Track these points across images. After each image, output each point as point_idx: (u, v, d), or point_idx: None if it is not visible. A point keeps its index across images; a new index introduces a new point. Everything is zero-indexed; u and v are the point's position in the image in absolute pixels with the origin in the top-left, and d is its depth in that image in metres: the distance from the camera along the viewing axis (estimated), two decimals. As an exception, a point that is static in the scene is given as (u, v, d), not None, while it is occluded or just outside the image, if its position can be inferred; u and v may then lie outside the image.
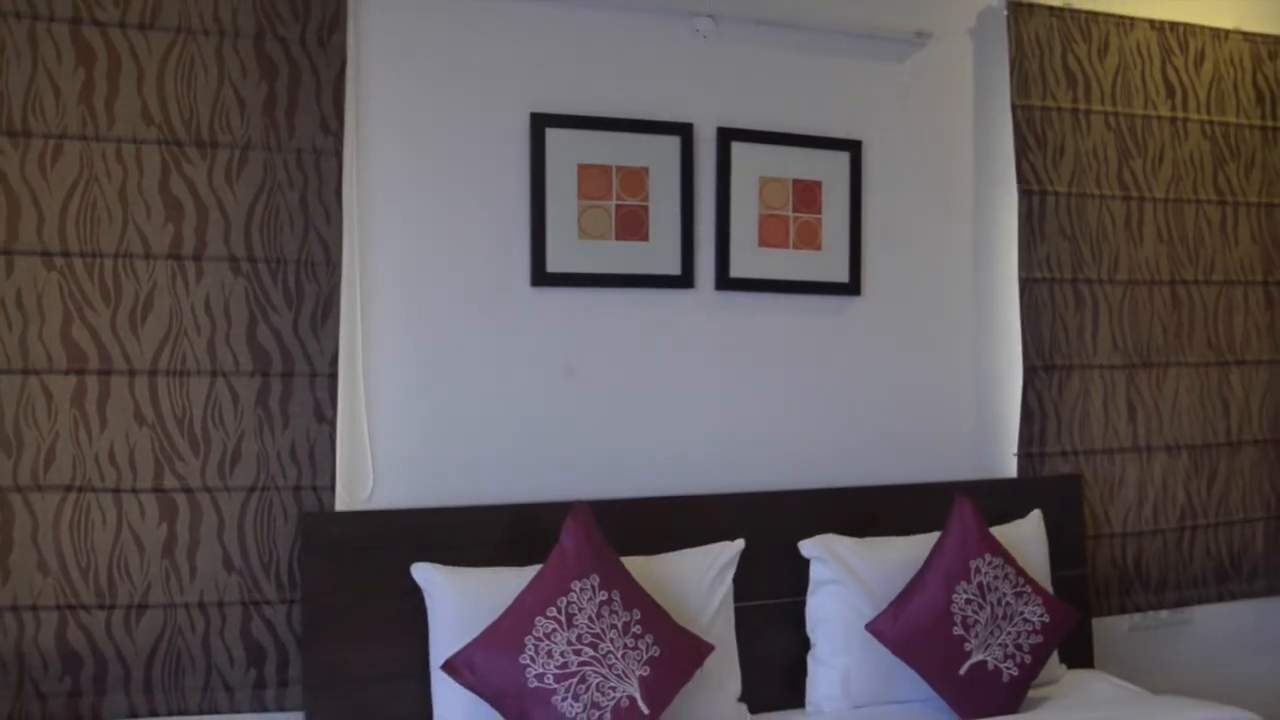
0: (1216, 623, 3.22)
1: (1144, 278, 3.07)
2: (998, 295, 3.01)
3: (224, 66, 2.29)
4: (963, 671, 2.34)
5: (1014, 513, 2.74)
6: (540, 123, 2.54)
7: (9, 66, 2.14)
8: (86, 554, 2.18)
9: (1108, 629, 3.03)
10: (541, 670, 2.04)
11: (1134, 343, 3.06)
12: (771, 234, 2.75)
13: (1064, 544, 2.82)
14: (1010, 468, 2.97)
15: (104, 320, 2.21)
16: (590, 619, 2.10)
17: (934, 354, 2.96)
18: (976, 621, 2.37)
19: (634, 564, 2.28)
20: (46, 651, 2.15)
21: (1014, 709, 2.37)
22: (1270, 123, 3.24)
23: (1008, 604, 2.41)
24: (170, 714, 2.23)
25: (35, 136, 2.16)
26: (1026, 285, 2.93)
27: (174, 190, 2.25)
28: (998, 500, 2.75)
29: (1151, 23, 3.09)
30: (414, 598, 2.23)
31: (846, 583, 2.47)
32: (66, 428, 2.18)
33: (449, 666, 2.08)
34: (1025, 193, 2.92)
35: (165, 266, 2.25)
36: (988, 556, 2.44)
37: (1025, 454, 2.93)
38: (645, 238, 2.63)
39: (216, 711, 2.26)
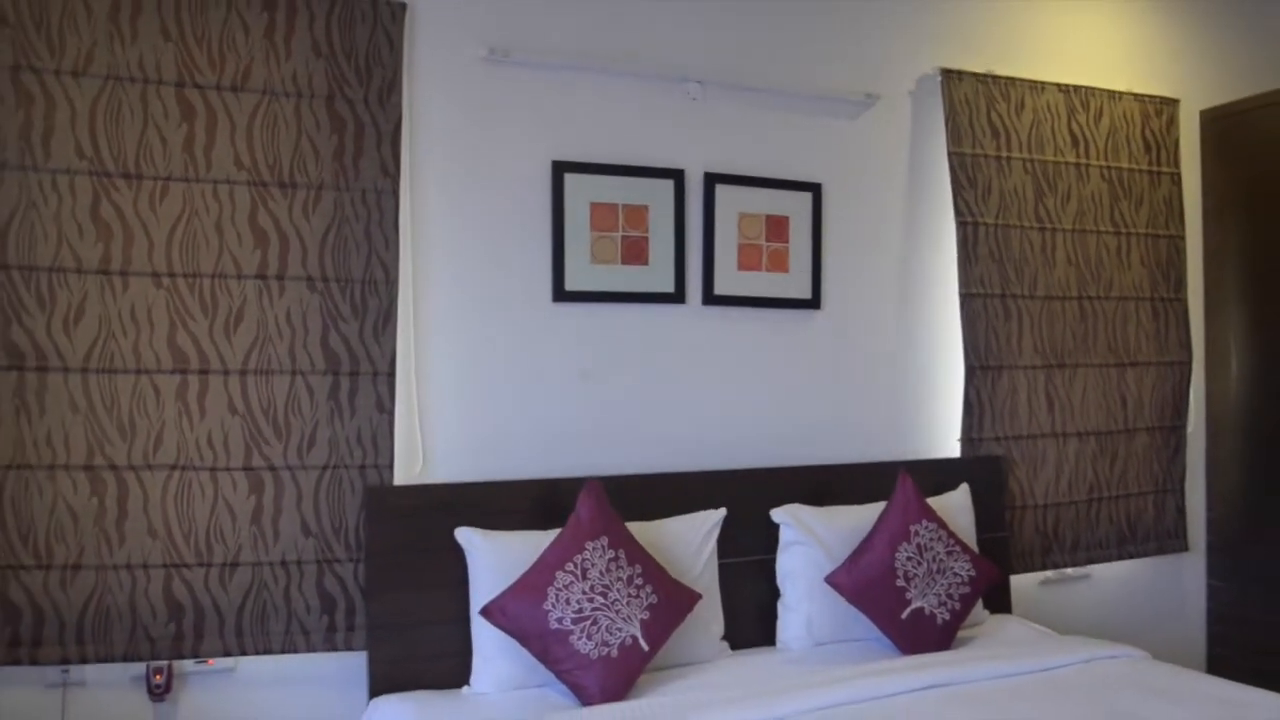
0: (1110, 577, 3.26)
1: (1057, 294, 3.11)
2: (938, 308, 3.04)
3: (301, 122, 2.30)
4: (904, 616, 2.38)
5: (948, 487, 2.77)
6: (560, 168, 2.56)
7: (125, 121, 2.16)
8: (188, 522, 2.20)
9: (1024, 582, 3.07)
10: (561, 614, 2.07)
11: (1050, 347, 3.09)
12: (748, 259, 2.78)
13: (989, 512, 2.85)
14: (954, 451, 2.99)
15: (203, 329, 2.22)
16: (601, 573, 2.13)
17: (879, 357, 2.98)
18: (915, 575, 2.41)
19: (636, 528, 2.30)
20: (155, 602, 2.17)
21: (947, 646, 2.41)
22: (1156, 168, 3.28)
23: (941, 561, 2.45)
24: (257, 653, 2.24)
25: (146, 179, 2.18)
26: (965, 299, 2.96)
27: (260, 222, 2.27)
28: (935, 476, 2.78)
29: (1059, 86, 3.13)
30: (457, 556, 2.26)
31: (809, 543, 2.50)
32: (172, 418, 2.19)
33: (486, 612, 2.11)
34: (961, 223, 2.96)
35: (253, 285, 2.26)
36: (925, 522, 2.48)
37: (966, 439, 2.96)
38: (645, 262, 2.66)
39: (295, 651, 2.27)
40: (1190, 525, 3.39)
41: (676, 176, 2.68)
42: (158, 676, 2.19)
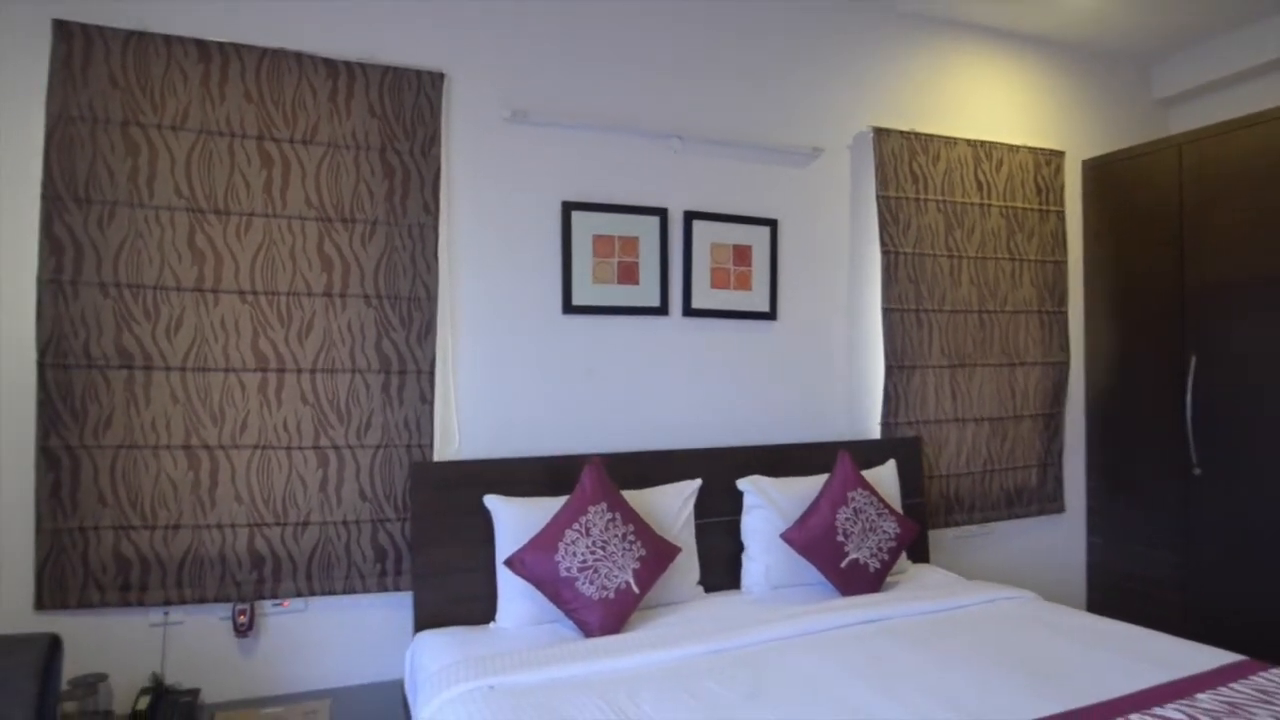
0: (1008, 533, 3.26)
1: (961, 308, 3.10)
2: (869, 319, 3.02)
3: (360, 169, 2.29)
4: (843, 565, 2.37)
5: (877, 461, 2.77)
6: (568, 207, 2.55)
7: (215, 167, 2.15)
8: (267, 490, 2.19)
9: (939, 537, 3.07)
10: (569, 564, 2.07)
11: (955, 350, 3.08)
12: (719, 280, 2.77)
13: (910, 482, 2.85)
14: (876, 432, 2.99)
15: (280, 336, 2.21)
16: (601, 531, 2.13)
17: (824, 358, 2.97)
18: (852, 532, 2.40)
19: (629, 495, 2.30)
20: (240, 554, 2.17)
21: (877, 589, 2.40)
22: (1045, 207, 3.28)
23: (872, 521, 2.44)
24: (323, 594, 2.24)
25: (233, 214, 2.17)
26: (886, 313, 2.95)
27: (326, 251, 2.26)
28: (868, 453, 2.78)
29: (968, 141, 3.12)
30: (485, 517, 2.25)
31: (768, 507, 2.49)
32: (255, 407, 2.19)
33: (508, 563, 2.10)
34: (885, 252, 2.95)
35: (321, 301, 2.25)
36: (860, 490, 2.48)
37: (885, 423, 2.96)
38: (636, 282, 2.64)
39: (354, 592, 2.27)
40: (1070, 492, 3.39)
41: (661, 214, 2.67)
42: (242, 616, 2.17)
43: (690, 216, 2.71)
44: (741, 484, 2.55)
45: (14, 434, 2.02)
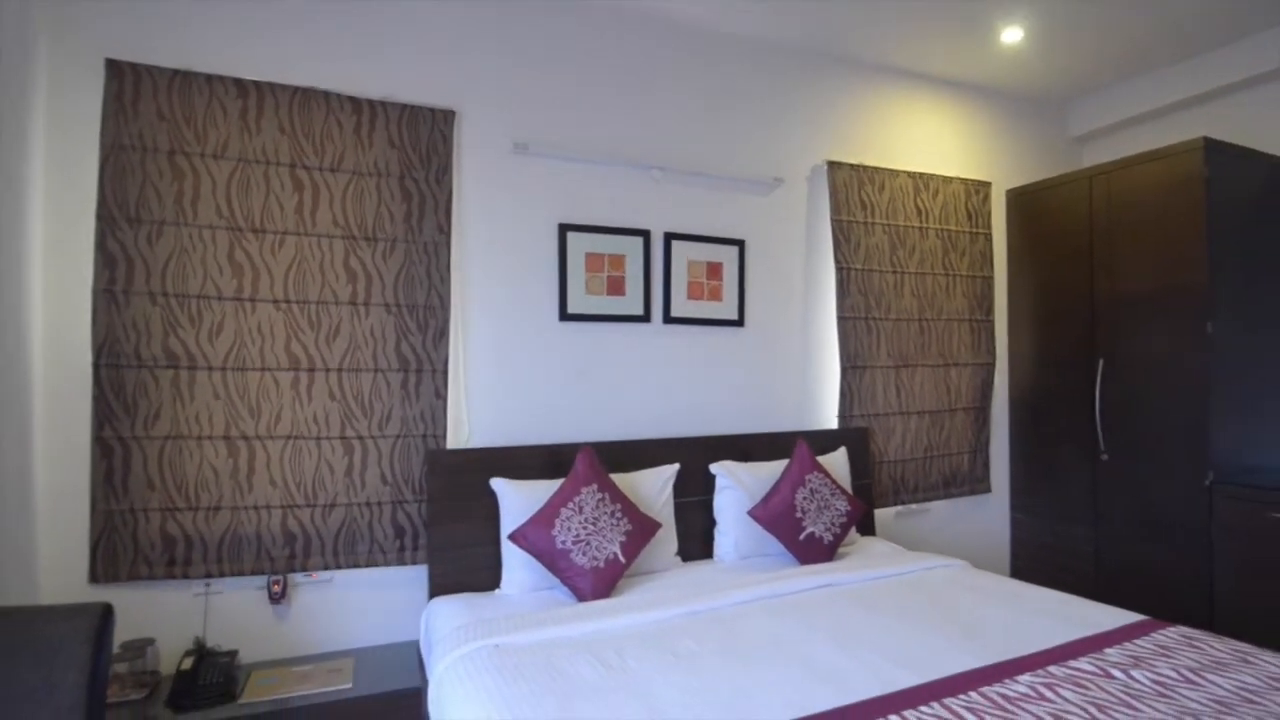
0: (943, 511, 3.27)
1: (904, 316, 3.11)
2: (824, 326, 3.03)
3: (381, 193, 2.27)
4: (802, 538, 2.38)
5: (831, 448, 2.78)
6: (564, 228, 2.54)
7: (252, 191, 2.12)
8: (299, 475, 2.16)
9: (885, 514, 3.08)
10: (565, 538, 2.06)
11: (899, 353, 3.09)
12: (695, 292, 2.76)
13: (859, 466, 2.86)
14: (830, 423, 3.00)
15: (310, 339, 2.19)
16: (592, 509, 2.12)
17: (785, 359, 2.97)
18: (809, 509, 2.41)
19: (617, 478, 2.30)
20: (274, 532, 2.14)
21: (831, 558, 2.41)
22: (974, 230, 3.29)
23: (827, 500, 2.45)
24: (348, 567, 2.21)
25: (269, 233, 2.14)
26: (841, 321, 2.96)
27: (352, 265, 2.24)
28: (823, 441, 2.79)
29: (909, 173, 3.14)
30: (491, 498, 2.24)
31: (736, 488, 2.49)
32: (288, 402, 2.16)
33: (512, 537, 2.09)
34: (839, 269, 2.96)
35: (347, 309, 2.23)
36: (816, 473, 2.48)
37: (842, 416, 2.96)
38: (623, 294, 2.63)
39: (376, 565, 2.24)
40: (996, 475, 3.42)
41: (645, 234, 2.67)
42: (276, 586, 2.15)
43: (670, 237, 2.71)
44: (714, 468, 2.55)
45: (71, 427, 1.98)
